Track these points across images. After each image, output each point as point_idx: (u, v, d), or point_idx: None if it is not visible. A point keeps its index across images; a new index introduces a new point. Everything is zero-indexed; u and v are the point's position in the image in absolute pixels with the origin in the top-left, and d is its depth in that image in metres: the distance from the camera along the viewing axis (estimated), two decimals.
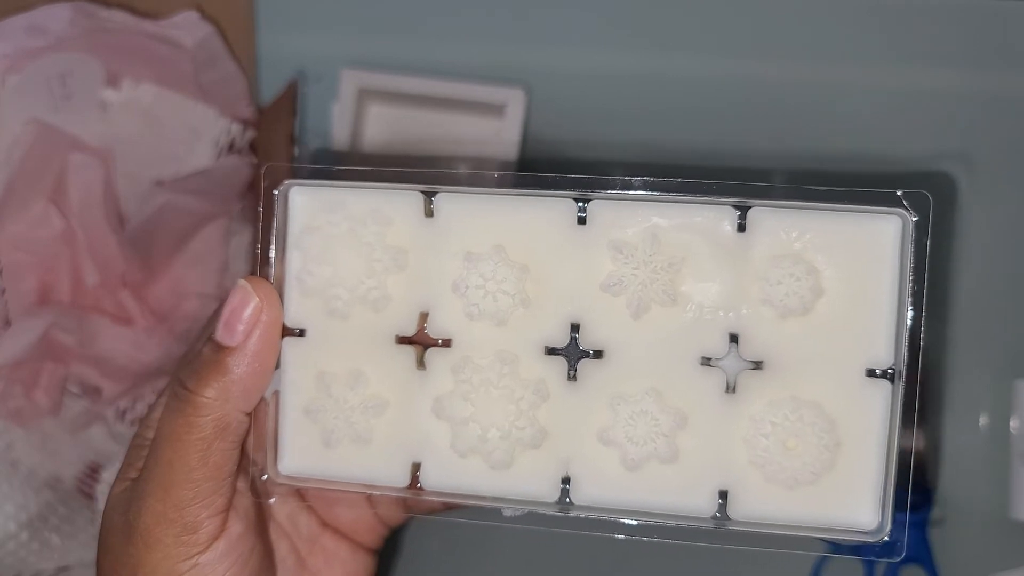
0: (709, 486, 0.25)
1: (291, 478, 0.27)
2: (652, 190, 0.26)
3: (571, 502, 0.26)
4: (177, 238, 0.51)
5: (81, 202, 0.49)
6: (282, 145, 0.50)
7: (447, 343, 0.26)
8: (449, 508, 0.32)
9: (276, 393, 0.27)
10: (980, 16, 0.47)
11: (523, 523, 0.26)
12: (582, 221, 0.26)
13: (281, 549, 0.30)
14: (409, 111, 0.53)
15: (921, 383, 0.26)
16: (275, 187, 0.27)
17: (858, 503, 0.25)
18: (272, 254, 0.28)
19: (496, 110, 0.50)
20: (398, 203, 0.27)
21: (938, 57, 0.47)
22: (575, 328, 0.26)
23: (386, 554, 0.40)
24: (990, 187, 0.44)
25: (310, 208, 0.27)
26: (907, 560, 0.47)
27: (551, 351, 0.26)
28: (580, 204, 0.26)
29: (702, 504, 0.25)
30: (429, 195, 0.26)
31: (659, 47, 0.52)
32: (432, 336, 0.26)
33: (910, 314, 0.25)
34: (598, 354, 0.26)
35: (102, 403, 0.51)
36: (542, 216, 0.26)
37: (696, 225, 0.25)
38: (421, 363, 0.27)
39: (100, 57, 0.51)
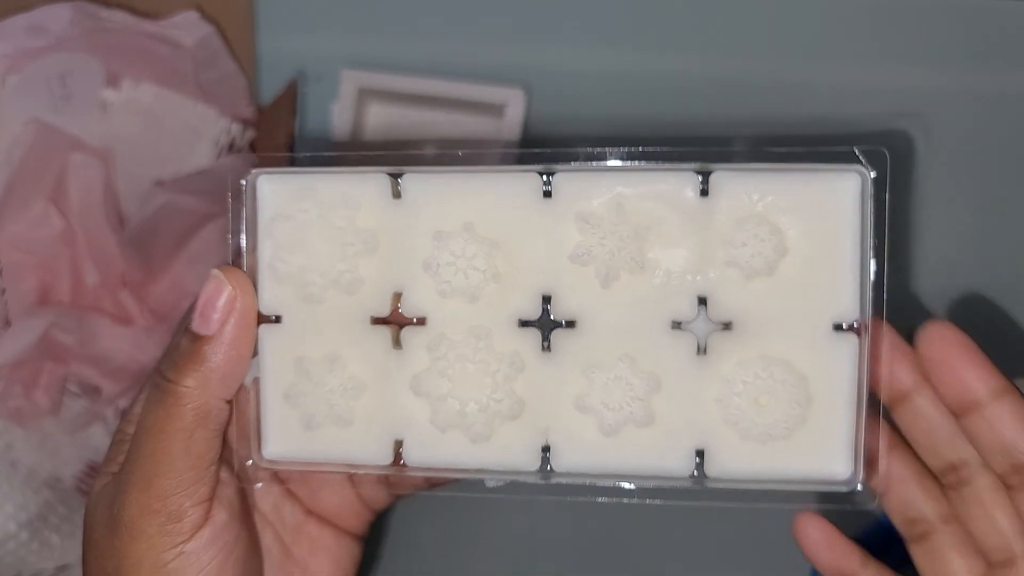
0: (685, 447, 0.26)
1: (275, 463, 0.28)
2: (616, 159, 0.26)
3: (552, 470, 0.27)
4: (177, 238, 0.51)
5: (81, 202, 0.50)
6: (282, 145, 0.50)
7: (421, 321, 0.27)
8: (433, 485, 0.32)
9: (256, 380, 0.28)
10: None
11: (506, 493, 0.27)
12: (548, 195, 0.26)
13: (266, 539, 0.31)
14: (409, 111, 0.53)
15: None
16: (242, 178, 0.27)
17: (831, 455, 0.25)
18: (244, 244, 0.28)
19: (496, 110, 0.50)
20: (366, 186, 0.27)
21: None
22: (547, 300, 0.26)
23: (371, 540, 0.41)
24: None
25: (279, 196, 0.27)
26: (907, 559, 0.47)
27: (524, 323, 0.26)
28: (545, 178, 0.26)
29: (680, 465, 0.26)
30: (396, 176, 0.27)
31: (659, 47, 0.52)
32: (406, 315, 0.27)
33: (873, 268, 0.25)
34: (570, 324, 0.26)
35: (102, 403, 0.51)
36: (508, 191, 0.26)
37: (660, 192, 0.26)
38: (397, 342, 0.27)
39: (100, 57, 0.51)
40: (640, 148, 0.26)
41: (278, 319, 0.27)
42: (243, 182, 0.27)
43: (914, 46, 0.47)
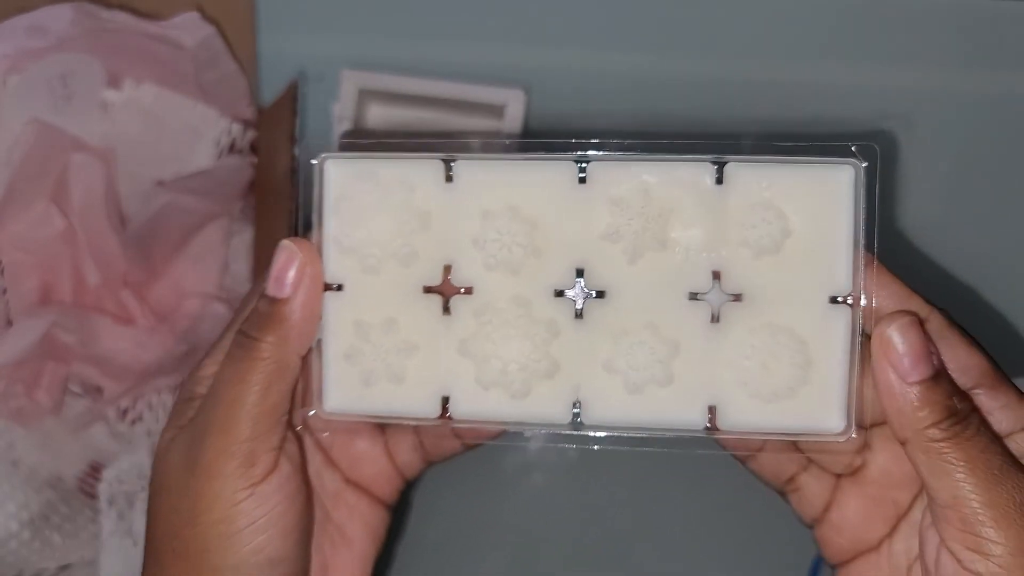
0: (700, 403, 0.30)
1: (334, 414, 0.31)
2: (642, 151, 0.30)
3: (582, 423, 0.30)
4: (178, 238, 0.51)
5: (82, 202, 0.50)
6: (283, 145, 0.49)
7: (469, 291, 0.30)
8: (467, 448, 0.36)
9: (318, 342, 0.31)
10: None
11: (543, 442, 0.30)
12: (582, 180, 0.30)
13: None
14: (409, 111, 0.53)
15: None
16: (313, 159, 0.31)
17: (827, 410, 0.29)
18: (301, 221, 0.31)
19: (496, 110, 0.50)
20: (421, 170, 0.30)
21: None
22: (579, 273, 0.30)
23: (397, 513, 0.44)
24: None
25: (344, 178, 0.31)
26: None
27: (559, 293, 0.30)
28: (580, 166, 0.30)
29: (695, 418, 0.30)
30: (448, 163, 0.30)
31: (658, 48, 0.53)
32: (455, 285, 0.30)
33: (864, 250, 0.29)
34: (600, 294, 0.30)
35: (103, 402, 0.51)
36: (548, 177, 0.30)
37: (681, 180, 0.29)
38: (446, 309, 0.30)
39: (101, 57, 0.51)
40: (662, 141, 0.30)
41: (340, 287, 0.31)
42: (313, 162, 0.31)
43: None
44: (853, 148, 0.29)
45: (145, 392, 0.51)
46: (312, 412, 0.31)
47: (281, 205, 0.48)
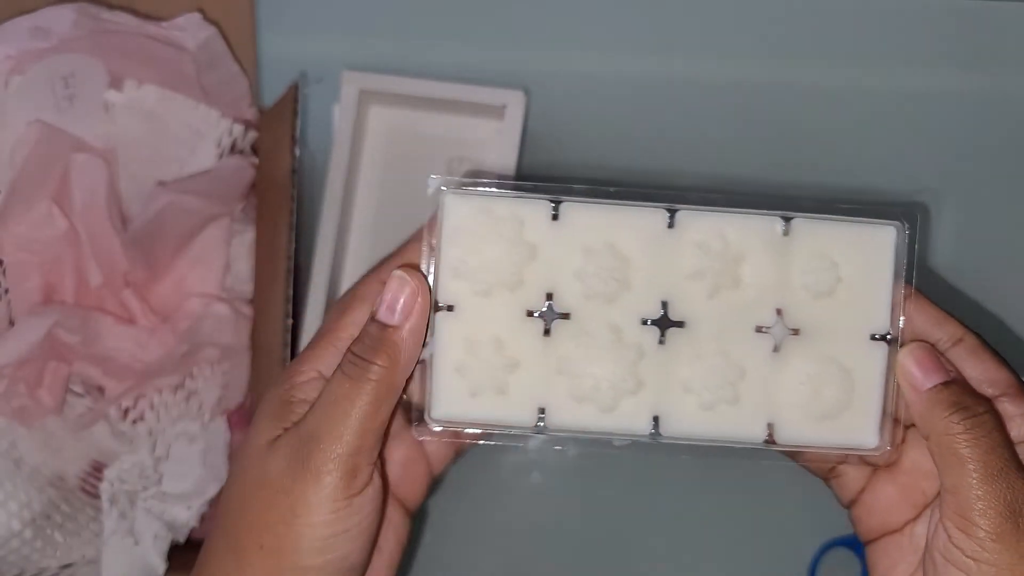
0: (761, 420, 0.35)
1: (442, 421, 0.35)
2: (722, 204, 0.35)
3: (660, 434, 0.35)
4: (180, 238, 0.51)
5: (84, 202, 0.50)
6: (284, 146, 0.49)
7: (566, 316, 0.35)
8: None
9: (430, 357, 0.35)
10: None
11: (628, 451, 0.35)
12: (671, 225, 0.35)
13: None
14: (410, 112, 0.54)
15: None
16: (432, 190, 0.34)
17: (865, 430, 0.35)
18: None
19: (496, 111, 0.51)
20: (531, 209, 0.34)
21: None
22: (664, 305, 0.35)
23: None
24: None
25: (462, 211, 0.34)
26: None
27: (646, 322, 0.35)
28: (669, 214, 0.35)
29: (756, 433, 0.35)
30: (555, 203, 0.35)
31: (656, 50, 0.54)
32: (556, 311, 0.35)
33: (902, 294, 0.35)
34: (680, 324, 0.35)
35: (105, 402, 0.51)
36: (642, 222, 0.35)
37: (755, 230, 0.35)
38: (547, 332, 0.35)
39: (103, 59, 0.51)
40: (739, 195, 0.35)
41: (451, 308, 0.35)
42: (429, 190, 0.34)
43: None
44: (899, 211, 0.35)
45: (146, 392, 0.52)
46: (423, 416, 0.35)
47: (282, 205, 0.48)
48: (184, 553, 0.51)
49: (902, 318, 0.34)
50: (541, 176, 0.54)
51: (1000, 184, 0.53)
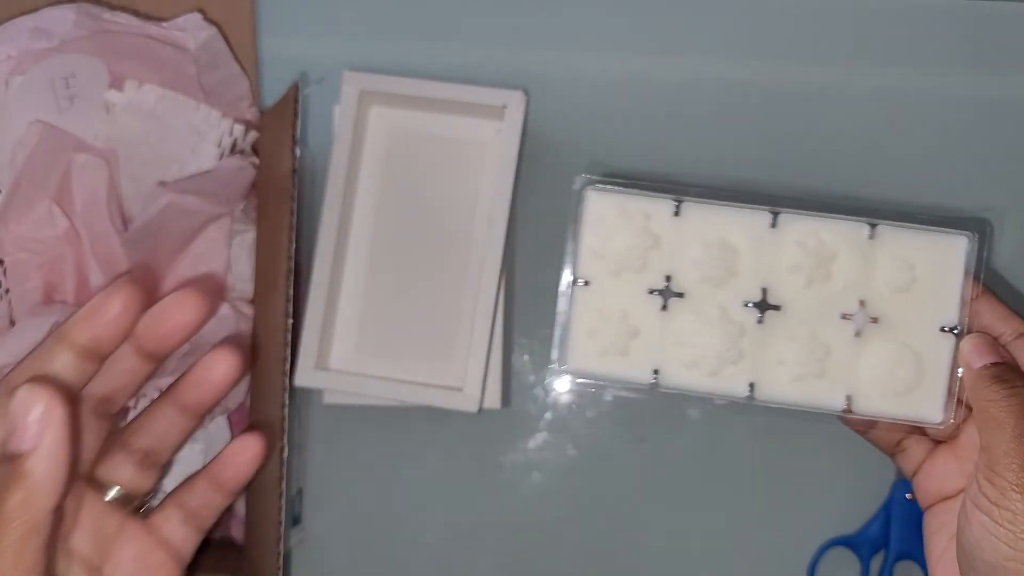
0: (841, 393, 0.41)
1: (574, 372, 0.42)
2: (817, 209, 0.42)
3: (754, 398, 0.42)
4: (180, 238, 0.50)
5: (85, 203, 0.49)
6: (284, 146, 0.48)
7: (681, 295, 0.42)
8: (234, 498, 0.39)
9: (566, 319, 0.42)
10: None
11: (727, 409, 0.41)
12: (774, 225, 0.42)
13: None
14: (410, 112, 0.52)
15: None
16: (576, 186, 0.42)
17: (932, 407, 0.41)
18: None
19: (496, 112, 0.50)
20: (657, 206, 0.42)
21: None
22: (764, 291, 0.42)
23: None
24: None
25: (599, 204, 0.42)
26: (901, 556, 0.52)
27: (748, 304, 0.42)
28: (773, 216, 0.42)
29: (836, 403, 0.41)
30: (678, 202, 0.42)
31: (656, 51, 0.55)
32: (674, 291, 0.42)
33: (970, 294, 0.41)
34: (777, 308, 0.42)
35: None
36: (749, 220, 0.42)
37: (845, 234, 0.41)
38: (664, 307, 0.42)
39: (104, 59, 0.50)
40: (833, 200, 0.42)
41: (587, 283, 0.42)
42: (575, 187, 0.42)
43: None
44: (970, 221, 0.41)
45: (147, 391, 0.51)
46: (561, 367, 0.42)
47: (283, 205, 0.47)
48: None
49: (967, 315, 0.41)
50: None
51: None
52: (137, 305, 0.34)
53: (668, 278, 0.42)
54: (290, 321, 0.46)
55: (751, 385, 0.42)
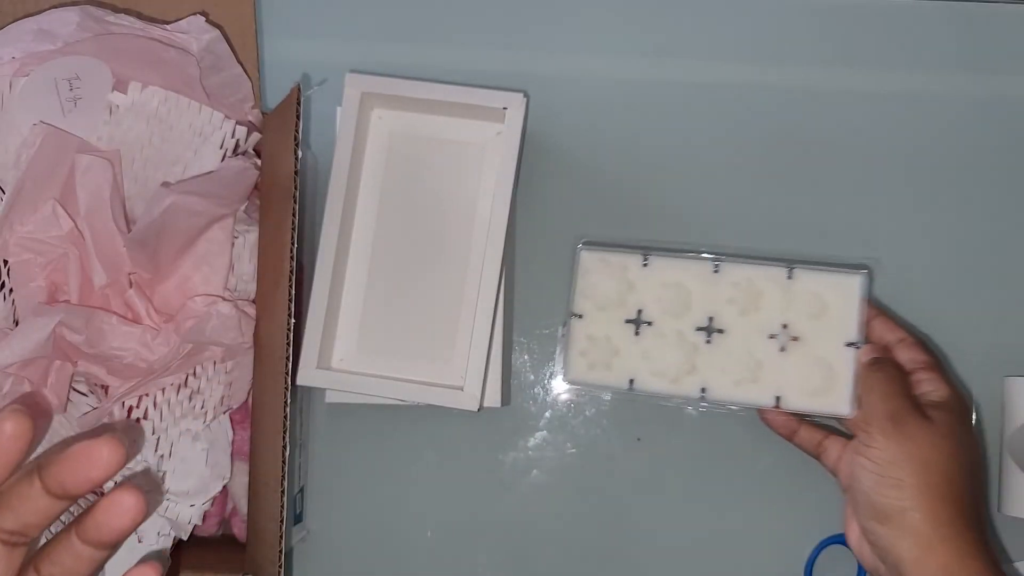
0: (771, 394, 0.55)
1: (574, 382, 0.57)
2: (749, 258, 0.56)
3: (705, 399, 0.56)
4: (183, 239, 0.50)
5: (89, 203, 0.49)
6: (286, 147, 0.47)
7: (650, 324, 0.57)
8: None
9: (567, 341, 0.57)
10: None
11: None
12: (716, 271, 0.56)
13: None
14: (411, 114, 0.53)
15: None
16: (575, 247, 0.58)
17: (841, 402, 0.54)
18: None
19: (497, 113, 0.51)
20: (630, 260, 0.57)
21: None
22: (711, 319, 0.56)
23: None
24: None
25: (589, 260, 0.57)
26: None
27: (699, 329, 0.56)
28: (715, 264, 0.57)
29: (768, 401, 0.55)
30: (645, 255, 0.57)
31: (655, 54, 0.57)
32: (644, 320, 0.57)
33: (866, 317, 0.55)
34: (721, 331, 0.56)
35: (109, 401, 0.51)
36: (697, 268, 0.56)
37: (770, 276, 0.55)
38: (637, 333, 0.57)
39: (107, 61, 0.50)
40: (757, 256, 0.56)
41: (580, 316, 0.57)
42: (579, 248, 0.57)
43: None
44: (862, 267, 0.55)
45: (150, 391, 0.52)
46: (562, 378, 0.57)
47: (285, 206, 0.47)
48: (188, 550, 0.51)
49: (865, 333, 0.55)
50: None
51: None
52: (29, 432, 0.32)
53: (639, 311, 0.57)
54: (292, 321, 0.47)
55: (703, 389, 0.56)
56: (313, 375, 0.51)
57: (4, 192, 0.49)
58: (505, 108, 0.50)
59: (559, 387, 0.58)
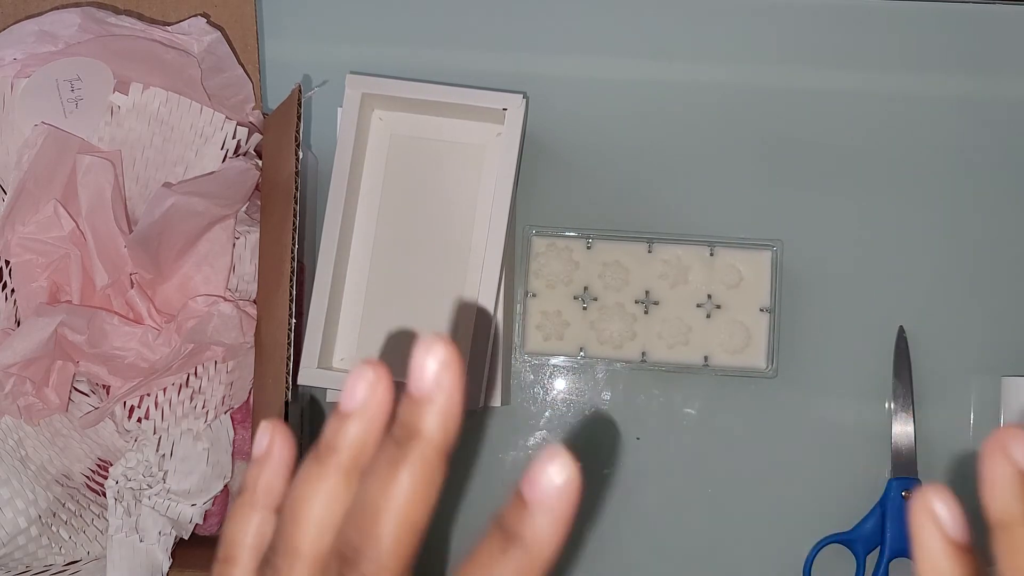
0: (701, 354, 0.64)
1: (531, 352, 0.65)
2: (677, 239, 0.65)
3: (645, 362, 0.64)
4: (184, 239, 0.50)
5: (90, 204, 0.49)
6: (287, 149, 0.47)
7: (595, 299, 0.65)
8: None
9: (522, 318, 0.65)
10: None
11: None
12: (650, 251, 0.65)
13: None
14: (411, 115, 0.53)
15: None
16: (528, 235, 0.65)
17: (759, 359, 0.64)
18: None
19: (497, 115, 0.51)
20: (576, 243, 0.65)
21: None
22: (647, 293, 0.65)
23: None
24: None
25: (539, 244, 0.65)
26: (896, 553, 0.52)
27: (637, 301, 0.65)
28: (648, 244, 0.65)
29: (698, 360, 0.64)
30: (589, 240, 0.65)
31: (654, 55, 0.57)
32: (590, 296, 0.65)
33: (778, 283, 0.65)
34: (656, 303, 0.65)
35: (111, 400, 0.51)
36: (634, 250, 0.65)
37: (693, 253, 0.65)
38: (584, 307, 0.65)
39: (109, 62, 0.50)
40: (684, 234, 0.65)
41: (534, 295, 0.65)
42: (523, 232, 0.65)
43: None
44: (773, 243, 0.65)
45: (152, 390, 0.51)
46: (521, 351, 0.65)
47: (286, 207, 0.47)
48: (189, 549, 0.51)
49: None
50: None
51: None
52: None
53: (586, 288, 0.65)
54: (293, 321, 0.47)
55: (643, 353, 0.65)
56: (313, 375, 0.51)
57: (6, 193, 0.50)
58: (505, 109, 0.50)
59: (559, 387, 0.60)
